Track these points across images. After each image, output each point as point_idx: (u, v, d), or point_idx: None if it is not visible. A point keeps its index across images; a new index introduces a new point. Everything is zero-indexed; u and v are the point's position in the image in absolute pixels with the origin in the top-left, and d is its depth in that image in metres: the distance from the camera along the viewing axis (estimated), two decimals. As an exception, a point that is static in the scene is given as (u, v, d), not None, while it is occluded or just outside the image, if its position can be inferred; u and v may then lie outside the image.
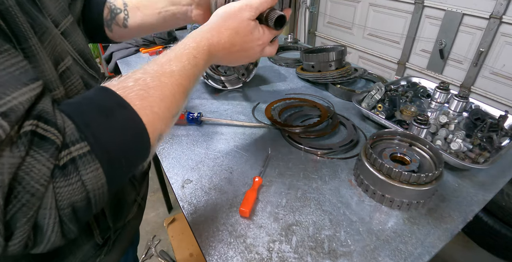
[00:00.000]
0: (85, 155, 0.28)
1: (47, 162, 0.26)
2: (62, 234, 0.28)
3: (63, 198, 0.27)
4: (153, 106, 0.35)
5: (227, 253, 0.51)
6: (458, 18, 1.85)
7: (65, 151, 0.27)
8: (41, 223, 0.26)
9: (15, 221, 0.25)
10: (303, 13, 3.04)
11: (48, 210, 0.26)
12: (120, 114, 0.32)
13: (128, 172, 0.34)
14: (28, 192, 0.24)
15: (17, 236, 0.25)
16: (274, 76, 1.15)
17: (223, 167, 0.69)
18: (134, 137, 0.33)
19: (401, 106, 0.84)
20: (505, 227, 1.44)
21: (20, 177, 0.24)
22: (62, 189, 0.27)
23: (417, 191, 0.56)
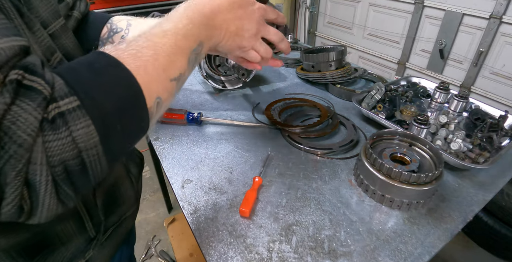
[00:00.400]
0: (75, 110, 0.27)
1: (34, 111, 0.24)
2: (57, 197, 0.27)
3: (53, 153, 0.25)
4: (146, 66, 0.34)
5: (227, 253, 0.51)
6: (458, 18, 1.85)
7: (53, 104, 0.26)
8: (32, 181, 0.25)
9: (3, 175, 0.24)
10: (303, 13, 3.04)
11: (38, 165, 0.25)
12: (112, 73, 0.31)
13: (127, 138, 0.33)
14: (15, 142, 0.23)
15: (9, 194, 0.24)
16: (274, 76, 1.15)
17: (223, 167, 0.69)
18: (128, 95, 0.31)
19: (401, 106, 0.84)
20: (505, 227, 1.44)
21: (6, 126, 0.23)
22: (52, 143, 0.25)
23: (417, 191, 0.56)
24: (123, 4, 2.64)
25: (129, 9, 2.68)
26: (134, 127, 0.33)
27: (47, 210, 0.27)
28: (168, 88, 0.37)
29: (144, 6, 2.72)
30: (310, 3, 2.90)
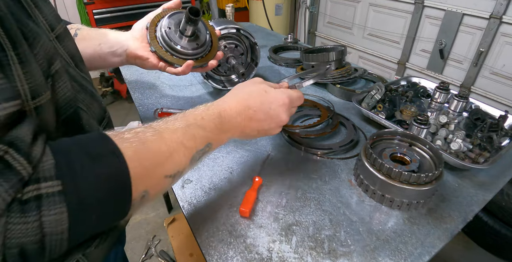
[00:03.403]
0: (54, 195, 0.26)
1: (5, 193, 0.24)
2: None
3: (12, 236, 0.25)
4: (144, 160, 0.34)
5: (227, 253, 0.51)
6: (458, 18, 1.85)
7: (34, 185, 0.26)
8: None
9: None
10: (303, 13, 3.05)
11: None
12: (107, 162, 0.31)
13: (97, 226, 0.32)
14: None
15: None
16: (274, 76, 1.15)
17: (223, 167, 0.69)
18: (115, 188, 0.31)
19: (401, 106, 0.84)
20: (505, 227, 1.44)
21: None
22: (15, 225, 0.25)
23: (417, 191, 0.56)
24: (123, 4, 2.64)
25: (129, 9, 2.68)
26: (109, 218, 0.33)
27: None
28: (160, 184, 0.37)
29: (144, 6, 2.72)
30: (310, 3, 2.90)
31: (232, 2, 3.11)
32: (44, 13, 0.40)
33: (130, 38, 0.72)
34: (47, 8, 0.41)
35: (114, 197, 0.32)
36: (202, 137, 0.43)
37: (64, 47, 0.44)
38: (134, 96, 0.98)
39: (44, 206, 0.26)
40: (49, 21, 0.41)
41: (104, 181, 0.30)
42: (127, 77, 1.12)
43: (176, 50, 0.71)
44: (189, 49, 0.72)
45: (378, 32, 2.41)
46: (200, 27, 0.74)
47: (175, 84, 1.06)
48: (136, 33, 0.72)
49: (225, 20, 1.00)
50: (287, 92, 0.56)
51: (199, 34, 0.73)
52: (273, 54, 1.29)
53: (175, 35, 0.71)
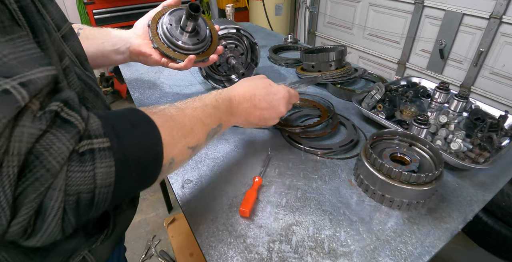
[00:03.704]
0: (104, 150, 0.29)
1: (67, 142, 0.27)
2: (61, 224, 0.28)
3: (73, 183, 0.27)
4: (172, 130, 0.38)
5: (227, 253, 0.51)
6: (458, 18, 1.85)
7: (87, 140, 0.28)
8: (45, 205, 0.26)
9: (24, 196, 0.25)
10: (303, 13, 3.05)
11: (57, 191, 0.26)
12: (145, 127, 0.35)
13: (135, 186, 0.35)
14: (44, 167, 0.25)
15: (22, 214, 0.25)
16: (274, 76, 1.15)
17: (223, 167, 0.69)
18: (151, 150, 0.35)
19: (401, 106, 0.84)
20: (505, 227, 1.44)
21: (39, 151, 0.25)
22: (75, 174, 0.27)
23: (417, 191, 0.56)
24: (123, 4, 2.63)
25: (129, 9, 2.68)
26: (145, 178, 0.36)
27: (47, 235, 0.28)
28: (183, 153, 0.41)
29: (144, 6, 2.71)
30: (310, 3, 2.90)
31: (232, 2, 3.11)
32: (51, 13, 0.41)
33: (133, 35, 0.74)
34: (53, 7, 0.42)
35: (150, 158, 0.35)
36: (216, 117, 0.49)
37: (69, 46, 0.45)
38: (134, 96, 0.98)
39: (97, 159, 0.29)
40: (56, 21, 0.42)
41: (142, 142, 0.34)
42: (127, 77, 1.12)
43: (177, 45, 0.73)
44: (190, 45, 0.74)
45: (378, 32, 2.41)
46: (200, 23, 0.75)
47: (175, 84, 1.06)
48: (138, 30, 0.74)
49: (225, 20, 1.00)
50: (287, 88, 0.66)
51: (199, 30, 0.75)
52: (273, 54, 1.29)
53: (176, 31, 0.72)
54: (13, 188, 0.24)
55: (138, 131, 0.34)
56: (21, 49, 0.27)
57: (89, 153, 0.28)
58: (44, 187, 0.26)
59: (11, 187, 0.24)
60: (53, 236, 0.29)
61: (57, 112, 0.27)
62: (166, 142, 0.36)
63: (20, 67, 0.25)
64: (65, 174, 0.27)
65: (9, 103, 0.24)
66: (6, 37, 0.26)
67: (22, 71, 0.25)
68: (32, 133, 0.25)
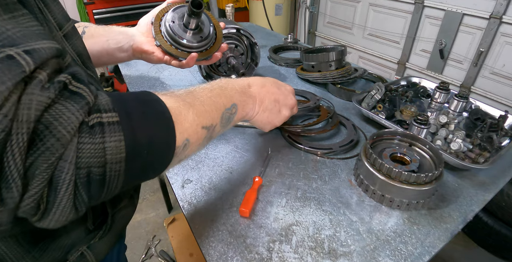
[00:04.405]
0: (113, 124, 0.29)
1: (77, 112, 0.26)
2: (73, 200, 0.28)
3: (83, 155, 0.27)
4: (183, 109, 0.38)
5: (227, 253, 0.51)
6: (458, 18, 1.85)
7: (96, 114, 0.28)
8: (56, 178, 0.26)
9: (35, 166, 0.25)
10: (303, 13, 3.05)
11: (67, 163, 0.26)
12: (154, 106, 0.35)
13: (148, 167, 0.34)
14: (54, 136, 0.25)
15: (33, 187, 0.25)
16: (274, 76, 1.14)
17: (223, 167, 0.69)
18: (162, 128, 0.34)
19: (401, 106, 0.84)
20: (505, 227, 1.44)
21: (48, 121, 0.25)
22: (85, 145, 0.27)
23: (417, 191, 0.56)
24: (123, 4, 2.63)
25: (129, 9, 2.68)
26: (158, 158, 0.35)
27: (60, 213, 0.28)
28: (198, 134, 0.40)
29: (144, 6, 2.71)
30: (310, 3, 2.90)
31: (232, 2, 3.11)
32: (53, 12, 0.41)
33: (136, 33, 0.74)
34: (56, 7, 0.42)
35: (161, 137, 0.34)
36: (228, 96, 0.48)
37: (71, 45, 0.45)
38: (134, 96, 0.98)
39: (106, 132, 0.28)
40: (58, 20, 0.42)
41: (152, 120, 0.33)
42: (127, 77, 1.12)
43: (180, 43, 0.72)
44: (194, 42, 0.73)
45: (378, 32, 2.41)
46: (203, 20, 0.74)
47: (175, 84, 1.06)
48: (142, 28, 0.74)
49: (225, 20, 1.00)
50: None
51: (202, 27, 0.74)
52: (273, 54, 1.29)
53: (179, 29, 0.72)
54: (23, 157, 0.24)
55: (148, 109, 0.34)
56: (24, 26, 0.27)
57: (98, 125, 0.28)
58: (55, 157, 0.25)
59: (22, 156, 0.24)
60: (66, 213, 0.28)
61: (65, 84, 0.27)
62: (177, 121, 0.36)
63: (24, 39, 0.25)
64: (75, 146, 0.26)
65: (13, 68, 0.23)
66: (9, 15, 0.26)
67: (25, 42, 0.25)
68: (41, 100, 0.24)
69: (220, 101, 0.46)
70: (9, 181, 0.24)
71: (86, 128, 0.27)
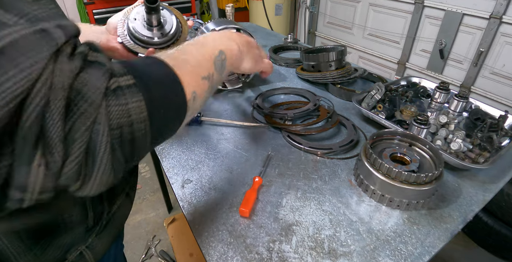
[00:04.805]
0: (131, 87, 0.31)
1: (101, 77, 0.28)
2: (111, 162, 0.29)
3: (113, 116, 0.29)
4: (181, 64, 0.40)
5: (227, 253, 0.51)
6: (458, 18, 1.85)
7: (114, 79, 0.30)
8: (94, 141, 0.28)
9: (74, 130, 0.26)
10: (303, 13, 3.05)
11: (101, 125, 0.28)
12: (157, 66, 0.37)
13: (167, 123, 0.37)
14: (86, 101, 0.27)
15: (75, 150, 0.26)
16: (274, 77, 1.15)
17: (223, 167, 0.69)
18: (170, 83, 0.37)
19: (401, 106, 0.84)
20: (505, 227, 1.44)
21: (78, 88, 0.27)
22: (113, 107, 0.29)
23: (417, 191, 0.56)
24: (123, 4, 2.63)
25: (129, 9, 2.67)
26: (173, 114, 0.37)
27: (100, 176, 0.29)
28: (200, 85, 0.43)
29: (144, 6, 2.71)
30: (310, 3, 2.90)
31: (232, 2, 3.11)
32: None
33: (104, 31, 0.77)
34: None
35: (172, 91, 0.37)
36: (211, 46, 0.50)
37: None
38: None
39: (127, 94, 0.30)
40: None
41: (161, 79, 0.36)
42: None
43: (140, 40, 0.74)
44: (154, 38, 0.74)
45: (378, 32, 2.41)
46: (166, 16, 0.76)
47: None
48: (110, 26, 0.77)
49: (225, 20, 1.00)
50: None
51: (164, 23, 0.75)
52: (273, 54, 1.29)
53: (140, 26, 0.73)
54: (63, 122, 0.25)
55: (155, 70, 0.36)
56: (47, 8, 0.28)
57: (118, 89, 0.30)
58: (90, 120, 0.27)
59: (61, 121, 0.25)
60: (106, 176, 0.30)
61: (85, 54, 0.29)
62: (181, 76, 0.38)
63: (52, 17, 0.27)
64: (105, 109, 0.28)
65: (48, 40, 0.25)
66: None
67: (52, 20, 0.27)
68: (71, 69, 0.26)
69: (208, 51, 0.48)
70: (51, 146, 0.25)
71: (110, 93, 0.29)
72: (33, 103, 0.24)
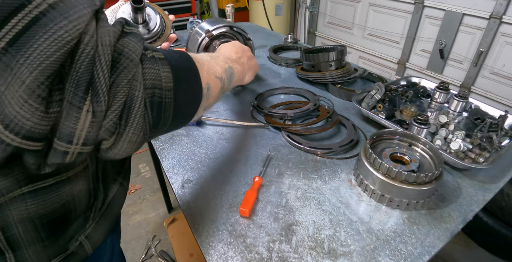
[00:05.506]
0: (162, 59, 0.35)
1: (139, 42, 0.33)
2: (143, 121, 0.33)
3: (148, 77, 0.33)
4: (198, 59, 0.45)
5: (227, 253, 0.51)
6: (458, 18, 1.85)
7: (148, 51, 0.35)
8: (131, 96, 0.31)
9: (116, 84, 0.30)
10: (303, 13, 3.05)
11: (138, 82, 0.31)
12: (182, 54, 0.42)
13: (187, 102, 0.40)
14: (128, 58, 0.31)
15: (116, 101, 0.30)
16: (274, 76, 1.15)
17: (223, 167, 0.69)
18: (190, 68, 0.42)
19: (401, 106, 0.84)
20: (505, 227, 1.44)
21: (119, 49, 0.31)
22: (148, 69, 0.33)
23: (416, 190, 0.56)
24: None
25: (129, 9, 2.67)
26: (191, 95, 0.41)
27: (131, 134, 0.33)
28: (214, 81, 0.47)
29: (144, 6, 2.71)
30: (310, 3, 2.90)
31: (232, 2, 3.11)
32: None
33: None
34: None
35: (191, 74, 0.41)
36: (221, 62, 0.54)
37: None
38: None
39: (159, 64, 0.34)
40: None
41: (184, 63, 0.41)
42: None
43: None
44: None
45: (378, 32, 2.41)
46: (149, 13, 0.77)
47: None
48: None
49: (219, 19, 1.00)
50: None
51: (149, 21, 0.77)
52: (273, 54, 1.29)
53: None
54: (109, 74, 0.29)
55: (178, 56, 0.40)
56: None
57: (153, 58, 0.34)
58: (131, 75, 0.31)
59: (108, 73, 0.29)
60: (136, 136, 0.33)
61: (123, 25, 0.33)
62: (199, 68, 0.43)
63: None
64: (141, 69, 0.32)
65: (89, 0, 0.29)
66: None
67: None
68: (115, 31, 0.30)
69: (220, 62, 0.53)
70: (99, 94, 0.29)
71: (146, 58, 0.33)
72: (85, 52, 0.27)
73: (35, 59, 0.25)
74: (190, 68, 0.42)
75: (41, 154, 0.29)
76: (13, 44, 0.24)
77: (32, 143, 0.27)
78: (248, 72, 0.68)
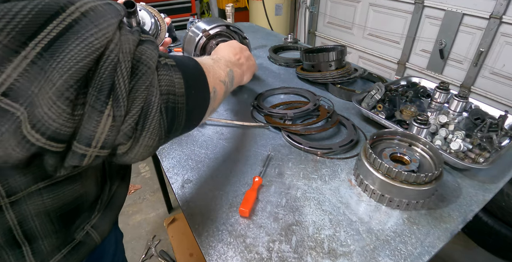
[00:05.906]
0: (174, 66, 0.37)
1: (155, 50, 0.34)
2: (158, 124, 0.34)
3: (163, 83, 0.34)
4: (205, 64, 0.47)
5: (227, 253, 0.51)
6: (458, 18, 1.85)
7: (161, 57, 0.36)
8: (148, 102, 0.32)
9: (135, 90, 0.31)
10: (303, 13, 3.05)
11: (155, 88, 0.33)
12: (190, 60, 0.44)
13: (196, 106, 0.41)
14: (146, 65, 0.32)
15: (134, 107, 0.31)
16: (274, 76, 1.15)
17: (223, 167, 0.69)
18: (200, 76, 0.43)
19: (401, 106, 0.84)
20: (505, 227, 1.44)
21: (138, 56, 0.32)
22: (163, 76, 0.34)
23: (416, 190, 0.56)
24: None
25: (129, 9, 2.67)
26: (201, 99, 0.43)
27: (148, 139, 0.34)
28: (219, 85, 0.49)
29: (144, 6, 2.71)
30: (310, 3, 2.90)
31: (232, 2, 3.11)
32: None
33: None
34: None
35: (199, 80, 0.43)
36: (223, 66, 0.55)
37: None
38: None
39: (171, 71, 0.36)
40: None
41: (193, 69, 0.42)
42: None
43: None
44: None
45: (378, 32, 2.41)
46: (143, 16, 0.77)
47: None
48: None
49: (216, 18, 1.00)
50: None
51: (143, 24, 0.77)
52: (273, 54, 1.29)
53: None
54: (129, 79, 0.30)
55: (187, 62, 0.42)
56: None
57: (165, 65, 0.36)
58: (149, 80, 0.32)
59: (128, 79, 0.30)
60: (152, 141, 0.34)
61: (140, 33, 0.34)
62: (206, 72, 0.45)
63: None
64: (157, 76, 0.33)
65: (114, 10, 0.31)
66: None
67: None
68: (134, 39, 0.32)
69: (221, 66, 0.55)
70: (119, 100, 0.30)
71: (160, 65, 0.35)
72: (109, 59, 0.29)
73: (66, 64, 0.26)
74: (199, 74, 0.43)
75: (60, 155, 0.30)
76: (47, 49, 0.25)
77: (55, 144, 0.28)
78: (246, 74, 0.69)
